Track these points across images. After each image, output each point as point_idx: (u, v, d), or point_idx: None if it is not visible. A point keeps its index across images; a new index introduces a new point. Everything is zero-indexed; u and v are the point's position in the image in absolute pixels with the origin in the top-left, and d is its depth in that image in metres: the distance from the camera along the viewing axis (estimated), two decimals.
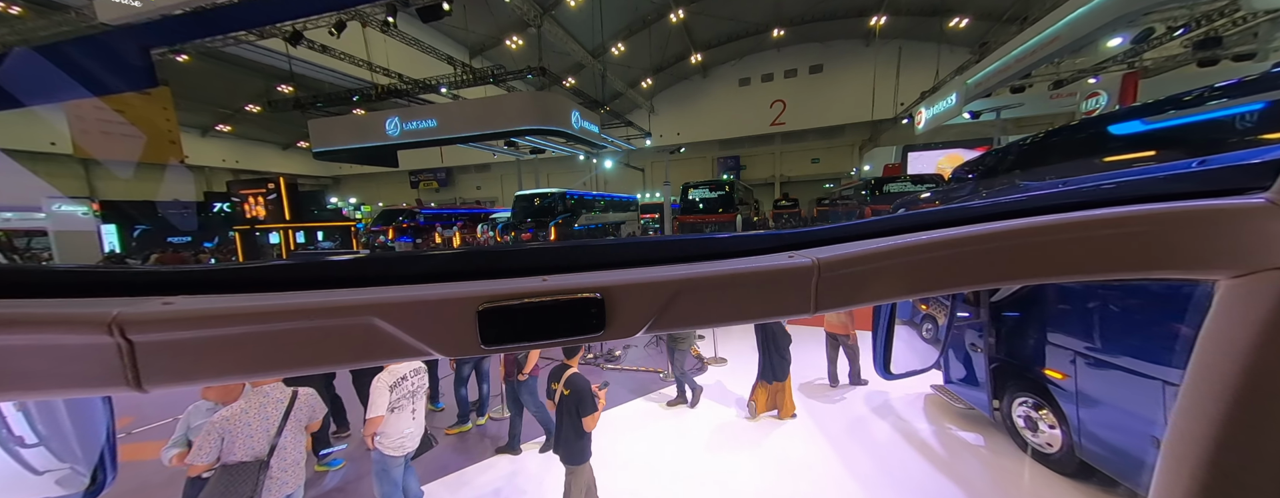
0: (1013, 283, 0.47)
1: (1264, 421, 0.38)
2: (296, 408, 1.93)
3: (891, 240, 0.45)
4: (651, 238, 0.52)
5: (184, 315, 0.32)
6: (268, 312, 0.33)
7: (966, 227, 0.45)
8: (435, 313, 0.36)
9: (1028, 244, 0.43)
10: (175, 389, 0.34)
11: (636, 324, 0.40)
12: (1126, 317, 2.19)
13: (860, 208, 13.40)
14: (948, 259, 0.44)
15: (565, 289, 0.38)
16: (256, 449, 1.80)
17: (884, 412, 3.68)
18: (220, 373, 0.34)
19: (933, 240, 0.44)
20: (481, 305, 0.36)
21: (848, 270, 0.43)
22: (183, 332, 0.32)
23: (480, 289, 0.37)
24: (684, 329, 0.48)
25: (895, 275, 0.44)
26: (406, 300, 0.36)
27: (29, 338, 0.30)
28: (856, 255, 0.43)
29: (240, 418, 1.80)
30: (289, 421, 1.89)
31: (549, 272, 0.42)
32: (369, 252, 10.00)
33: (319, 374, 2.98)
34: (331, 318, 0.34)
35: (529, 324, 0.37)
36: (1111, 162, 3.16)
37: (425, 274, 0.41)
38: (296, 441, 1.93)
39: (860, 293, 0.44)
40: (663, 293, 0.40)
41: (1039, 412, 2.77)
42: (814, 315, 0.46)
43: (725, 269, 0.42)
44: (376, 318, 0.35)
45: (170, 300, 0.33)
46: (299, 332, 0.34)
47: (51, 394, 0.33)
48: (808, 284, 0.42)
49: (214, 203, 15.56)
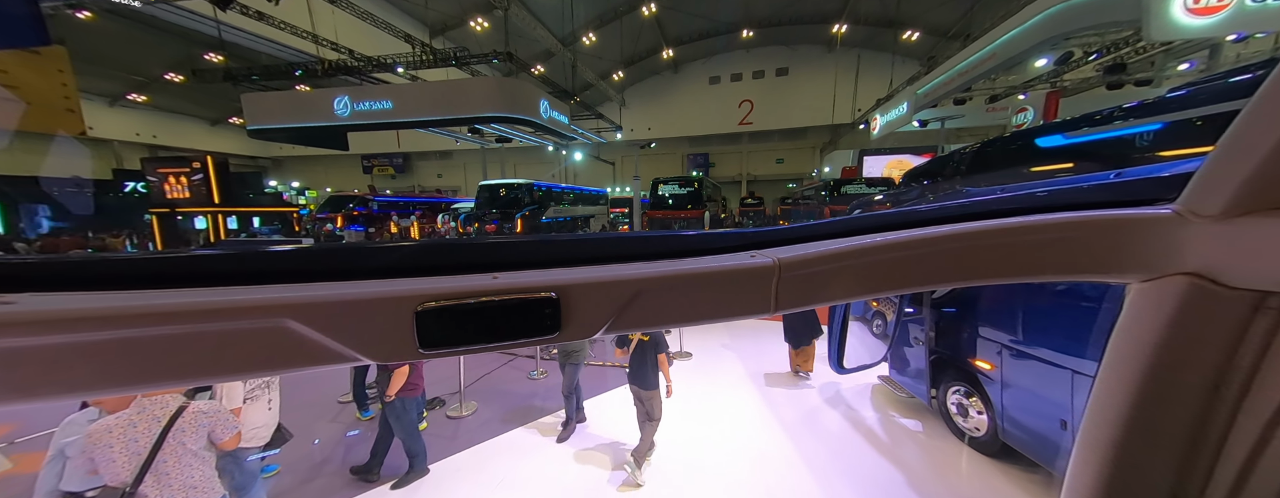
0: (957, 284, 0.50)
1: (1167, 411, 0.42)
2: (180, 425, 1.56)
3: (849, 241, 0.46)
4: (611, 234, 0.49)
5: (36, 317, 0.27)
6: (147, 313, 0.28)
7: (917, 229, 0.47)
8: (364, 314, 0.32)
9: (969, 247, 0.45)
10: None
11: (595, 325, 0.38)
12: (1046, 312, 2.43)
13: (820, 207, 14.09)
14: (900, 261, 0.45)
15: (518, 288, 0.35)
16: (119, 474, 1.47)
17: (835, 402, 3.89)
18: (81, 387, 0.28)
19: (887, 242, 0.45)
20: (420, 305, 0.33)
21: (808, 270, 0.43)
22: (30, 338, 0.27)
23: (420, 287, 0.34)
24: (645, 329, 0.48)
25: (852, 276, 0.45)
26: (329, 300, 0.32)
27: None
28: (816, 256, 0.44)
29: (107, 435, 1.48)
30: (167, 439, 1.53)
31: (500, 268, 0.39)
32: (285, 244, 9.20)
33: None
34: (233, 320, 0.29)
35: (475, 326, 0.34)
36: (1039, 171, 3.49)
37: (354, 270, 0.36)
38: (185, 462, 1.56)
39: (819, 293, 0.44)
40: (623, 292, 0.38)
41: (969, 399, 3.03)
42: (773, 315, 0.45)
43: (687, 268, 0.41)
44: (291, 320, 0.30)
45: (11, 299, 0.28)
46: (190, 337, 0.29)
47: None
48: (769, 284, 0.42)
49: (125, 182, 13.73)
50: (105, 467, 1.48)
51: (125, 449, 1.50)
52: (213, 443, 1.69)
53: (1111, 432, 0.44)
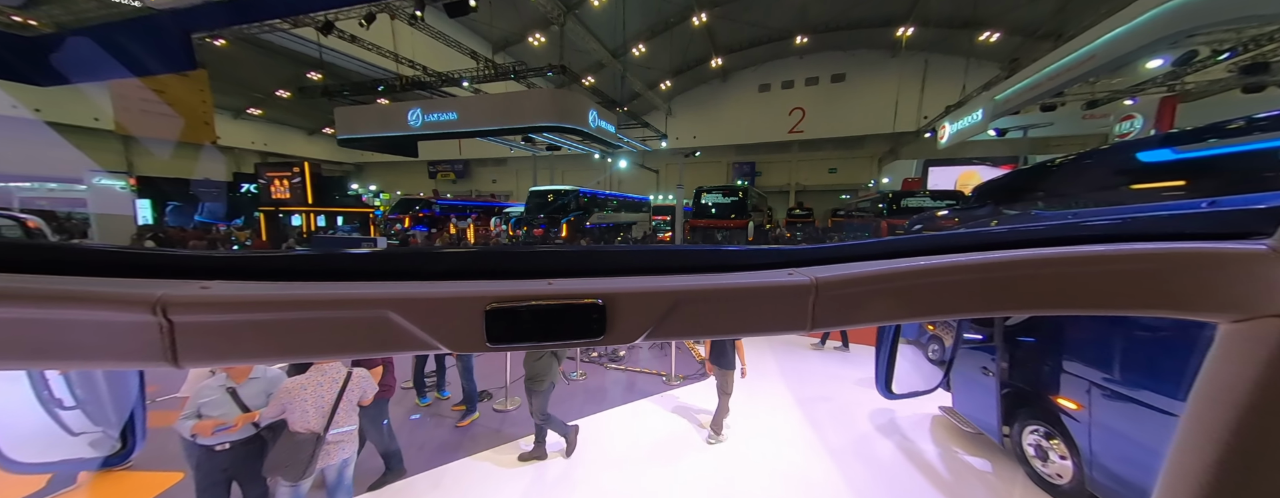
0: (1012, 313, 0.47)
1: (1256, 463, 0.39)
2: (351, 386, 2.12)
3: (892, 264, 0.45)
4: (654, 246, 0.53)
5: (218, 300, 0.34)
6: (293, 301, 0.35)
7: (969, 254, 0.45)
8: (445, 310, 0.37)
9: (1031, 275, 0.44)
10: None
11: (636, 331, 0.41)
12: (1148, 350, 2.13)
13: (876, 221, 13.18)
14: (948, 286, 0.44)
15: (569, 294, 0.39)
16: (312, 423, 1.97)
17: (888, 431, 3.63)
18: (247, 355, 0.36)
19: (934, 267, 0.44)
20: (489, 305, 0.37)
21: (846, 291, 0.43)
22: (217, 315, 0.34)
23: (488, 289, 0.39)
24: (682, 339, 0.48)
25: (894, 298, 0.44)
26: (419, 297, 0.37)
27: (83, 313, 0.32)
28: (856, 276, 0.44)
29: (300, 392, 1.99)
30: (343, 397, 2.08)
31: (554, 275, 0.43)
32: (386, 245, 10.18)
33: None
34: (350, 310, 0.36)
35: (533, 325, 0.38)
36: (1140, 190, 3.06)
37: (437, 272, 0.43)
38: (350, 415, 2.13)
39: (858, 313, 0.44)
40: (662, 302, 0.41)
41: (1050, 441, 2.70)
42: (810, 332, 0.47)
43: (724, 283, 0.43)
44: (391, 312, 0.36)
45: (207, 285, 0.36)
46: (321, 321, 0.36)
47: (99, 366, 0.36)
48: (805, 302, 0.43)
49: (242, 184, 16.07)
50: (296, 416, 1.96)
51: (314, 403, 1.99)
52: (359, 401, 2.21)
53: (1197, 484, 0.41)
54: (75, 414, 0.63)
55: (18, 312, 0.31)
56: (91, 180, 12.66)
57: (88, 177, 12.68)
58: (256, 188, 14.96)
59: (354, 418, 2.17)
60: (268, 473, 1.96)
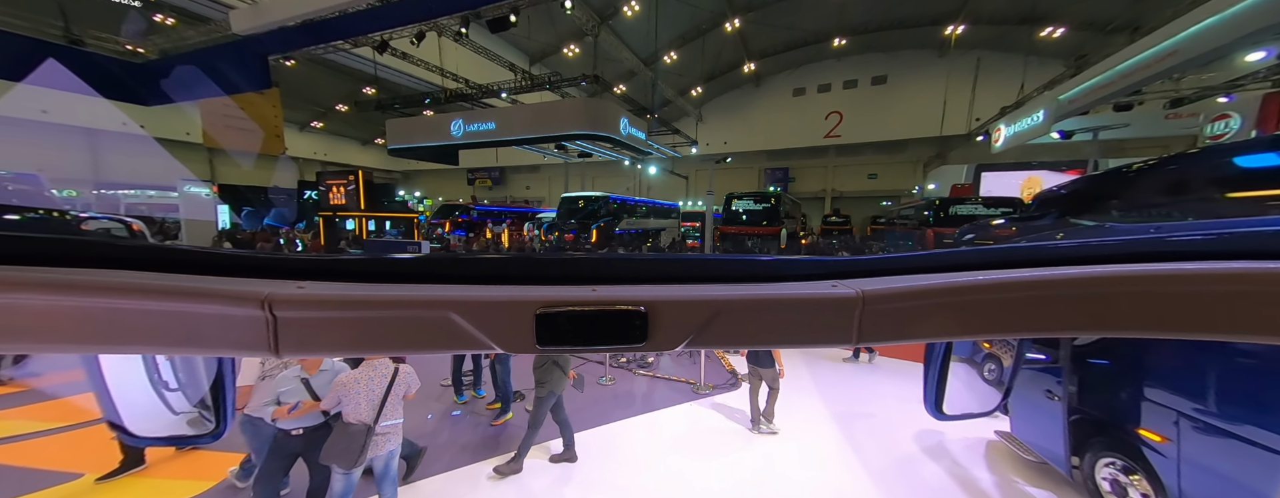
0: (1088, 334, 0.44)
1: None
2: (398, 381, 2.27)
3: (945, 277, 0.43)
4: (695, 256, 0.53)
5: (311, 298, 0.37)
6: (371, 300, 0.38)
7: (1036, 269, 0.43)
8: (500, 312, 0.39)
9: (1109, 294, 0.40)
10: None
11: (677, 339, 0.42)
12: (1252, 379, 1.87)
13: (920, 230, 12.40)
14: (1008, 303, 0.42)
15: (612, 301, 0.40)
16: (362, 415, 2.11)
17: (937, 454, 3.39)
18: (333, 348, 0.40)
19: (995, 282, 0.42)
20: (539, 309, 0.39)
21: (895, 305, 0.42)
22: (310, 312, 0.37)
23: (537, 294, 0.40)
24: (723, 348, 0.47)
25: (948, 314, 0.43)
26: (477, 299, 0.39)
27: (209, 307, 0.36)
28: (905, 290, 0.42)
29: (354, 385, 2.16)
30: (392, 391, 2.22)
31: (597, 282, 0.44)
32: (429, 249, 10.76)
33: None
34: (419, 310, 0.39)
35: (578, 330, 0.40)
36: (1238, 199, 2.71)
37: (491, 276, 0.45)
38: (397, 407, 2.28)
39: (908, 329, 0.43)
40: (703, 311, 0.41)
41: (1130, 477, 2.42)
42: (855, 346, 0.46)
43: (766, 293, 0.42)
44: (453, 313, 0.39)
45: (302, 285, 0.39)
46: (394, 320, 0.39)
47: (217, 353, 0.40)
48: (851, 315, 0.42)
49: (305, 190, 17.56)
50: (350, 408, 2.12)
51: (366, 396, 2.14)
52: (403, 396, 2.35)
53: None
54: (177, 396, 0.70)
55: (159, 305, 0.36)
56: (183, 187, 14.28)
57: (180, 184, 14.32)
58: (316, 195, 16.29)
59: (400, 412, 2.30)
60: (324, 460, 2.11)
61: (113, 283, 0.35)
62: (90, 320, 0.35)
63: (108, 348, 0.38)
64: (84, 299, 0.34)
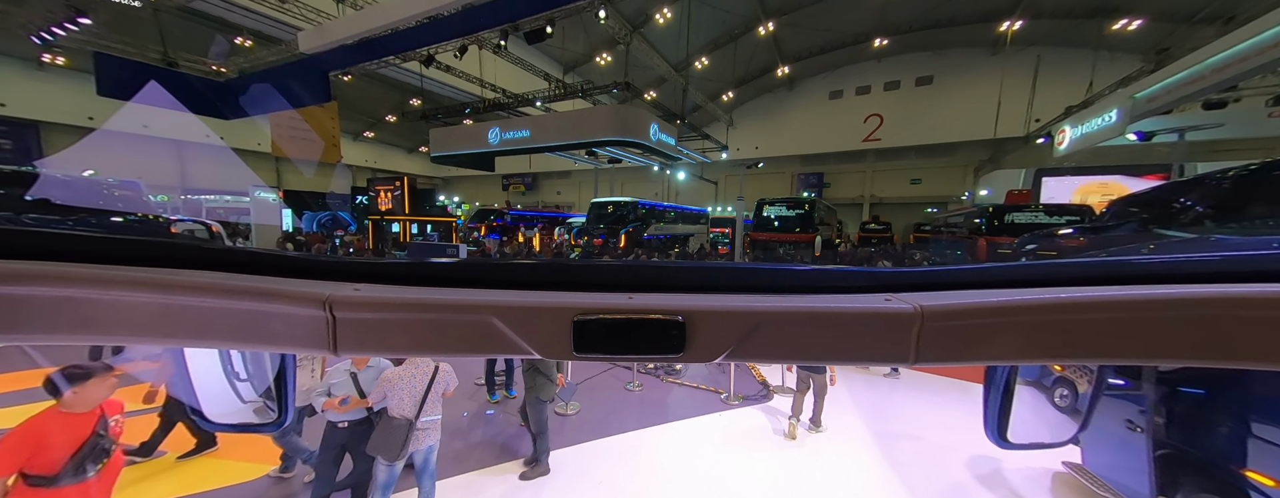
0: (1182, 363, 0.37)
1: None
2: (438, 379, 2.36)
3: (1017, 294, 0.39)
4: (735, 264, 0.50)
5: (367, 300, 0.39)
6: (419, 303, 0.39)
7: (1123, 288, 0.37)
8: (538, 318, 0.39)
9: (1214, 317, 0.35)
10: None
11: (715, 350, 0.40)
12: None
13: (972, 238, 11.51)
14: (1094, 325, 0.37)
15: (649, 309, 0.39)
16: (405, 410, 2.22)
17: (993, 483, 3.09)
18: (385, 348, 0.41)
19: (1075, 300, 0.37)
20: (576, 316, 0.38)
21: (959, 322, 0.38)
22: (365, 313, 0.39)
23: (574, 300, 0.40)
24: (765, 361, 0.45)
25: (1021, 335, 0.38)
26: (516, 305, 0.39)
27: (277, 306, 0.38)
28: (972, 307, 0.38)
29: (398, 381, 2.27)
30: (432, 389, 2.31)
31: (633, 289, 0.43)
32: (466, 252, 11.27)
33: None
34: (462, 314, 0.39)
35: (616, 338, 0.39)
36: None
37: (530, 281, 0.45)
38: (436, 404, 2.37)
39: (973, 349, 0.39)
40: (744, 323, 0.39)
41: None
42: (912, 367, 0.41)
43: (812, 306, 0.40)
44: (494, 317, 0.39)
45: (358, 287, 0.41)
46: (441, 323, 0.40)
47: (282, 349, 0.42)
48: (907, 333, 0.38)
49: (357, 196, 18.92)
50: (394, 403, 2.24)
51: (409, 392, 2.24)
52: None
53: None
54: (246, 386, 0.74)
55: (235, 303, 0.38)
56: (254, 193, 15.77)
57: (252, 190, 15.84)
58: (366, 200, 17.49)
59: (439, 409, 2.39)
60: (371, 451, 2.23)
61: (196, 282, 0.37)
62: (175, 317, 0.38)
63: (188, 342, 0.41)
64: (171, 297, 0.37)
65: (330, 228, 17.04)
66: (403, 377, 2.27)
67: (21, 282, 0.35)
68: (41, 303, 0.36)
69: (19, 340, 0.38)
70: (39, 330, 0.37)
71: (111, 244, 0.40)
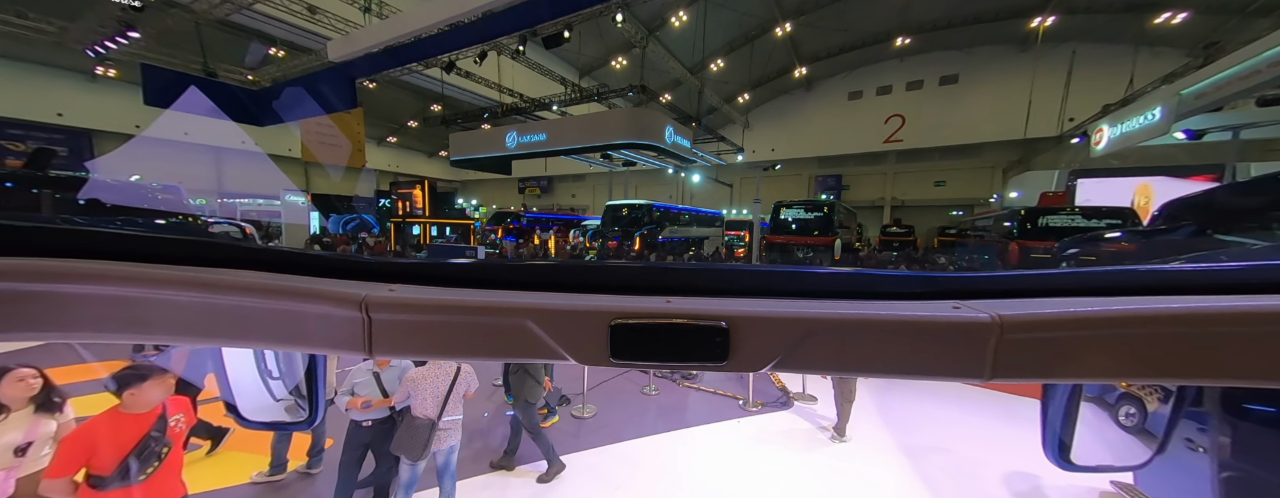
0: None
1: None
2: (459, 380, 2.37)
3: (1118, 303, 0.34)
4: (781, 267, 0.47)
5: (402, 301, 0.38)
6: (455, 305, 0.38)
7: (1256, 298, 0.32)
8: (574, 322, 0.38)
9: None
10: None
11: (762, 360, 0.37)
12: None
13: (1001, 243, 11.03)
14: (1220, 339, 0.32)
15: (690, 314, 0.37)
16: (428, 411, 2.24)
17: None
18: (419, 350, 0.39)
19: (1197, 311, 0.32)
20: (613, 320, 0.37)
21: (1045, 335, 0.34)
22: (400, 314, 0.38)
23: (612, 304, 0.38)
24: (817, 373, 0.41)
25: (1127, 351, 0.33)
26: (552, 308, 0.38)
27: (313, 307, 0.37)
28: (1062, 318, 0.33)
29: (422, 382, 2.29)
30: (454, 389, 2.32)
31: (672, 292, 0.42)
32: (484, 254, 11.49)
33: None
34: (497, 316, 0.38)
35: (654, 344, 0.37)
36: None
37: (565, 283, 0.43)
38: (457, 404, 2.38)
39: (1062, 365, 0.34)
40: (793, 330, 0.36)
41: None
42: (987, 383, 0.37)
43: (870, 313, 0.36)
44: (529, 321, 0.37)
45: (393, 288, 0.39)
46: (475, 325, 0.38)
47: (319, 350, 0.41)
48: (983, 345, 0.34)
49: (380, 199, 19.52)
50: (417, 403, 2.27)
51: (432, 392, 2.26)
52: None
53: None
54: (279, 384, 0.74)
55: (274, 303, 0.37)
56: (284, 196, 16.44)
57: (283, 194, 16.52)
58: (389, 202, 18.01)
59: (460, 409, 2.41)
60: (394, 450, 2.26)
61: (238, 282, 0.37)
62: (218, 316, 0.38)
63: (229, 342, 0.41)
64: (215, 296, 0.37)
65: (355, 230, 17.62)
66: (425, 377, 2.29)
67: (75, 280, 0.35)
68: (94, 301, 0.36)
69: (72, 338, 0.38)
70: (90, 329, 0.37)
71: (159, 243, 0.40)
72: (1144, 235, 4.40)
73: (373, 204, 18.88)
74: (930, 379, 0.37)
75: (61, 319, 0.36)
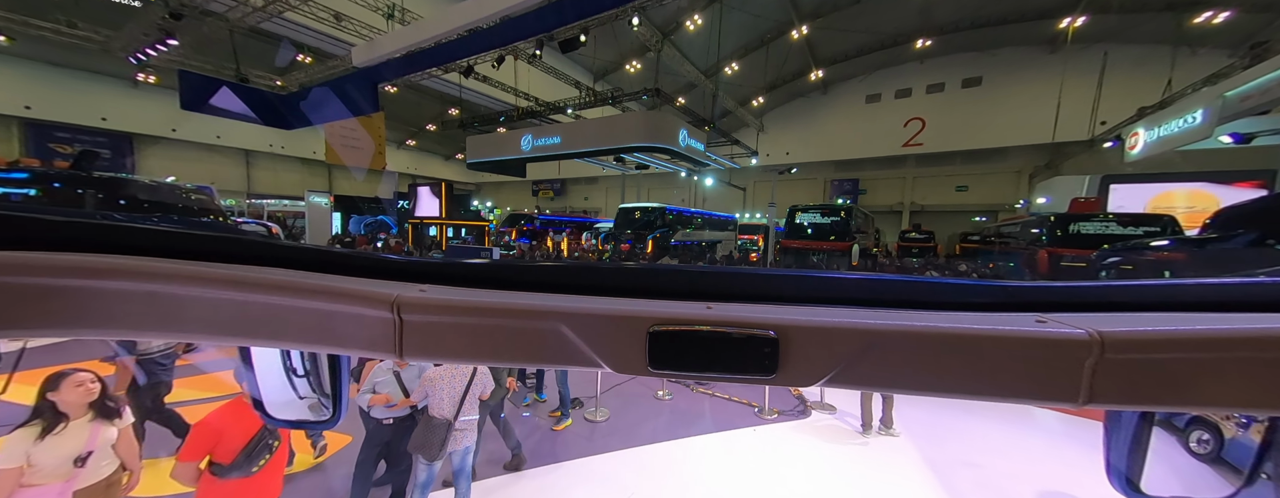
0: None
1: None
2: (475, 381, 2.37)
3: (1245, 321, 0.30)
4: (836, 274, 0.43)
5: (433, 302, 0.37)
6: (487, 308, 0.37)
7: None
8: (610, 328, 0.36)
9: None
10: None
11: (815, 374, 0.34)
12: None
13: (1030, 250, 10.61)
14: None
15: (736, 322, 0.34)
16: (445, 411, 2.25)
17: None
18: (450, 354, 0.38)
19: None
20: (651, 326, 0.35)
21: (1156, 356, 0.30)
22: (432, 316, 0.37)
23: (649, 309, 0.36)
24: (877, 390, 0.37)
25: (1253, 377, 0.29)
26: (587, 312, 0.36)
27: (345, 307, 0.36)
28: (1177, 337, 0.29)
29: (438, 382, 2.30)
30: (469, 390, 2.32)
31: (713, 298, 0.39)
32: (499, 255, 11.68)
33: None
34: (530, 320, 0.36)
35: (696, 354, 0.35)
36: None
37: (600, 287, 0.41)
38: (472, 406, 2.37)
39: (1174, 392, 0.30)
40: (851, 342, 0.33)
41: None
42: (1080, 409, 0.32)
43: (941, 326, 0.32)
44: (563, 325, 0.36)
45: (424, 288, 0.38)
46: (507, 329, 0.37)
47: (350, 351, 0.39)
48: (1078, 365, 0.30)
49: (400, 200, 20.01)
50: (434, 403, 2.28)
51: (449, 393, 2.27)
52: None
53: None
54: (303, 382, 0.73)
55: (306, 303, 0.36)
56: (309, 198, 16.98)
57: (307, 195, 17.06)
58: (407, 204, 18.43)
59: (476, 410, 2.41)
60: (411, 449, 2.27)
61: (270, 280, 0.36)
62: (251, 315, 0.37)
63: (262, 342, 0.40)
64: (247, 295, 0.36)
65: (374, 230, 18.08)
66: (443, 377, 2.30)
67: (107, 276, 0.35)
68: (126, 297, 0.36)
69: (106, 335, 0.37)
70: (123, 326, 0.36)
71: (190, 239, 0.40)
72: (1196, 245, 4.15)
73: (392, 205, 19.38)
74: (1012, 401, 0.33)
75: (94, 315, 0.35)
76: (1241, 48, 11.18)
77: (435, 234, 16.71)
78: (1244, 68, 8.83)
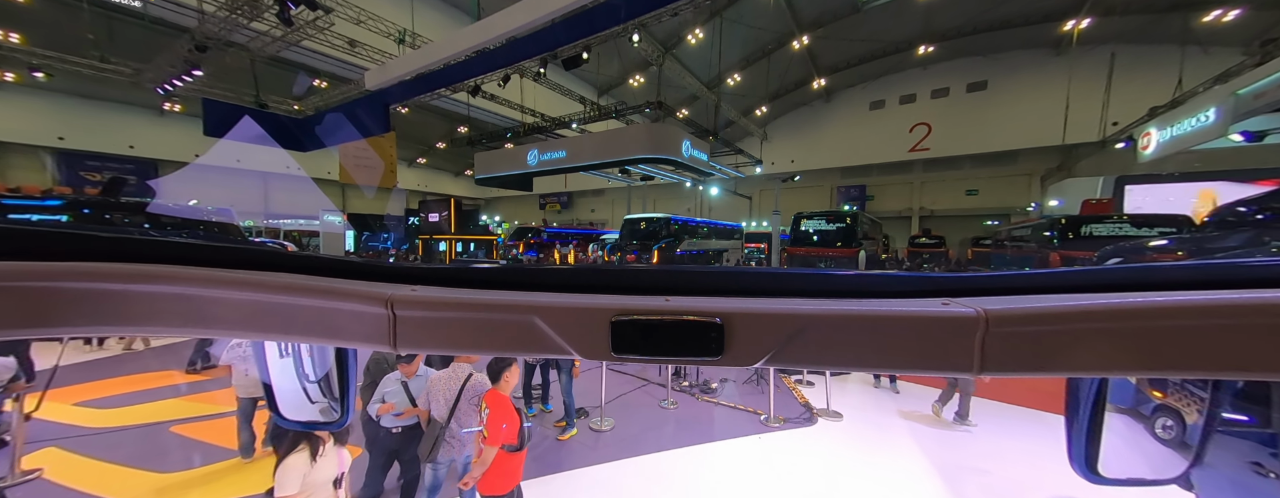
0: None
1: None
2: (468, 386, 2.33)
3: (1101, 299, 0.35)
4: (773, 269, 0.49)
5: (423, 299, 0.42)
6: (469, 303, 0.42)
7: (1235, 292, 0.33)
8: (578, 319, 0.40)
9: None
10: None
11: (756, 354, 0.39)
12: None
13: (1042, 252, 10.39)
14: (1198, 333, 0.32)
15: (687, 311, 0.39)
16: (441, 414, 2.30)
17: None
18: (438, 345, 0.43)
19: (1177, 305, 0.33)
20: (614, 316, 0.39)
21: (1031, 329, 0.34)
22: (422, 311, 0.41)
23: (613, 302, 0.41)
24: (810, 367, 0.46)
25: (1104, 344, 0.34)
26: (557, 305, 0.41)
27: (347, 305, 0.42)
28: (1045, 312, 0.34)
29: (436, 386, 2.36)
30: (461, 397, 2.29)
31: (671, 292, 0.44)
32: (522, 261, 11.79)
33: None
34: (507, 314, 0.41)
35: (653, 339, 0.39)
36: None
37: (569, 284, 0.46)
38: (469, 415, 2.30)
39: (1048, 359, 0.35)
40: (786, 326, 0.38)
41: None
42: (977, 377, 0.37)
43: (860, 309, 0.37)
44: (536, 317, 0.40)
45: (416, 288, 0.43)
46: (487, 322, 0.42)
47: (350, 344, 0.45)
48: (970, 339, 0.35)
49: (410, 217, 20.47)
50: (435, 406, 2.34)
51: (444, 396, 2.31)
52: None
53: None
54: (314, 386, 0.79)
55: (314, 301, 0.42)
56: (323, 216, 17.48)
57: (322, 214, 17.57)
58: (417, 220, 18.85)
59: (474, 421, 2.39)
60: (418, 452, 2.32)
61: (281, 282, 0.42)
62: (264, 313, 0.42)
63: (274, 336, 0.46)
64: (262, 295, 0.42)
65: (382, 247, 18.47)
66: (441, 381, 2.35)
67: (147, 281, 0.41)
68: (162, 299, 0.42)
69: (146, 332, 0.44)
70: (161, 323, 0.42)
71: (216, 250, 0.46)
72: (1193, 242, 4.07)
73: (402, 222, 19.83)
74: (919, 373, 0.38)
75: (137, 314, 0.42)
76: (1253, 45, 11.01)
77: (444, 249, 17.00)
78: (1256, 65, 8.70)
